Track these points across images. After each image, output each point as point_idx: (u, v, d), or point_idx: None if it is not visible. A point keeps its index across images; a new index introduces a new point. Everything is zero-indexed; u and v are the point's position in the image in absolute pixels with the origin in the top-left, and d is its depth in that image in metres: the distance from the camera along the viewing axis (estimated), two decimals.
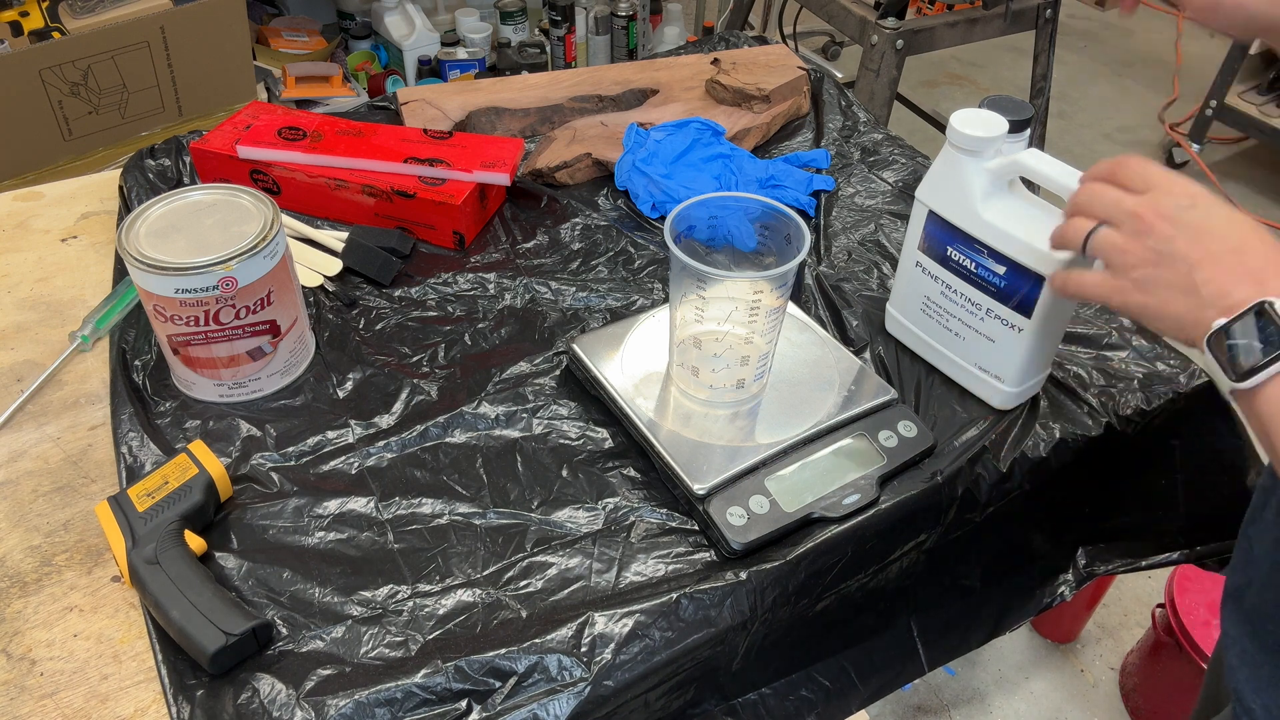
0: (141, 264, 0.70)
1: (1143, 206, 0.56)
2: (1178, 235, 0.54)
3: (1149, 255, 0.55)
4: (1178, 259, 0.53)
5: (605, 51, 2.55)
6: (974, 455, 0.75)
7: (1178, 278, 0.53)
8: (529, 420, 0.77)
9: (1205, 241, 0.53)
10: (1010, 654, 1.58)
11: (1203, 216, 0.54)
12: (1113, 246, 0.57)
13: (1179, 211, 0.54)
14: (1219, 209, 0.54)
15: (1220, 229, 0.53)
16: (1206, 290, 0.52)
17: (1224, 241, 0.53)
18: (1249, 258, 0.52)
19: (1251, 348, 0.49)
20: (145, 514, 0.65)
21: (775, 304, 0.69)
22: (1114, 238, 0.57)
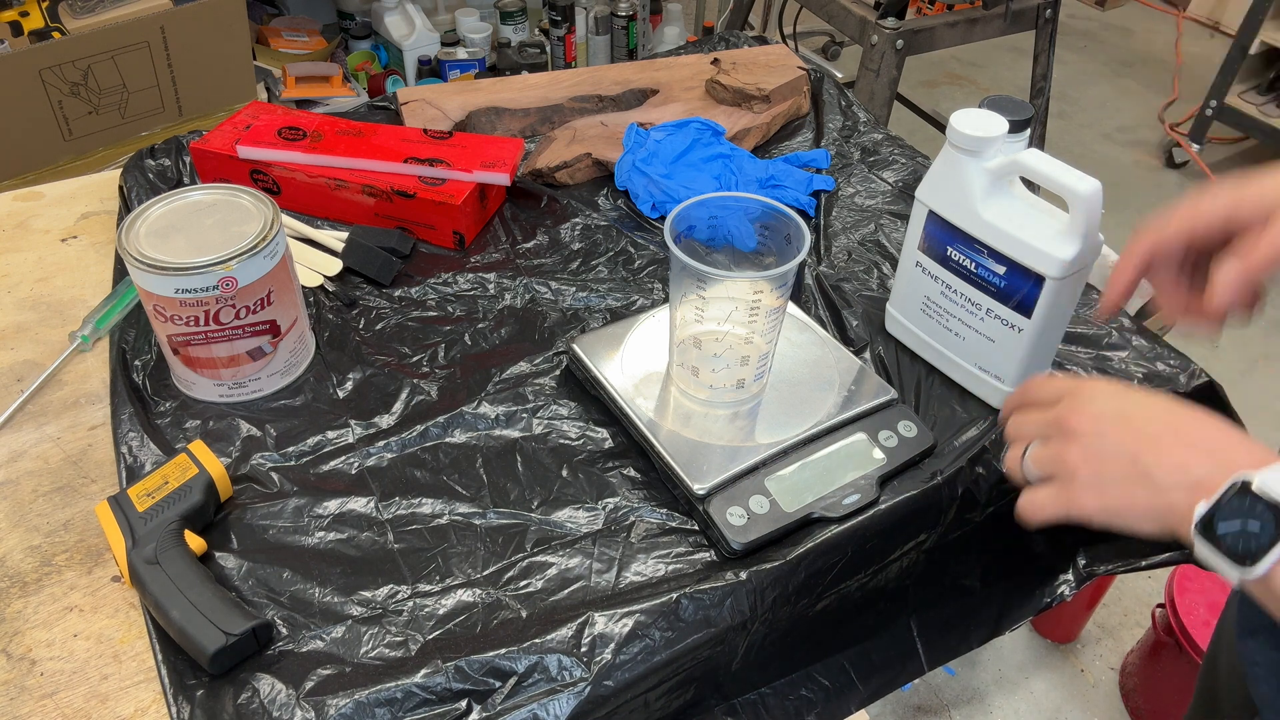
0: (141, 264, 0.70)
1: (1061, 412, 0.55)
2: (1106, 428, 0.53)
3: (1086, 455, 0.53)
4: (1116, 451, 0.52)
5: (605, 51, 2.55)
6: (974, 455, 0.75)
7: (1124, 469, 0.51)
8: (529, 420, 0.77)
9: (1136, 426, 0.52)
10: (1010, 654, 1.58)
11: (1122, 405, 0.53)
12: (1048, 459, 0.55)
13: (1096, 406, 0.54)
14: (1135, 395, 0.54)
15: (1145, 412, 0.52)
16: (1160, 474, 0.50)
17: (1154, 423, 0.52)
18: (1188, 434, 0.51)
19: (1248, 531, 0.46)
20: (145, 514, 0.65)
21: (775, 304, 0.69)
22: (1046, 450, 0.55)
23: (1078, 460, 0.53)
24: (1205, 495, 0.48)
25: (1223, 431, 0.50)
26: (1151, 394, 0.54)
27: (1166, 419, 0.52)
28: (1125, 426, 0.52)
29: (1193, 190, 2.27)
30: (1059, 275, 0.69)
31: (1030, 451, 0.57)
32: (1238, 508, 0.47)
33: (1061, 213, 0.71)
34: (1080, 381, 0.57)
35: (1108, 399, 0.54)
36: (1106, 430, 0.52)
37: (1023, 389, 0.60)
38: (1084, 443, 0.53)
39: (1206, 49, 3.28)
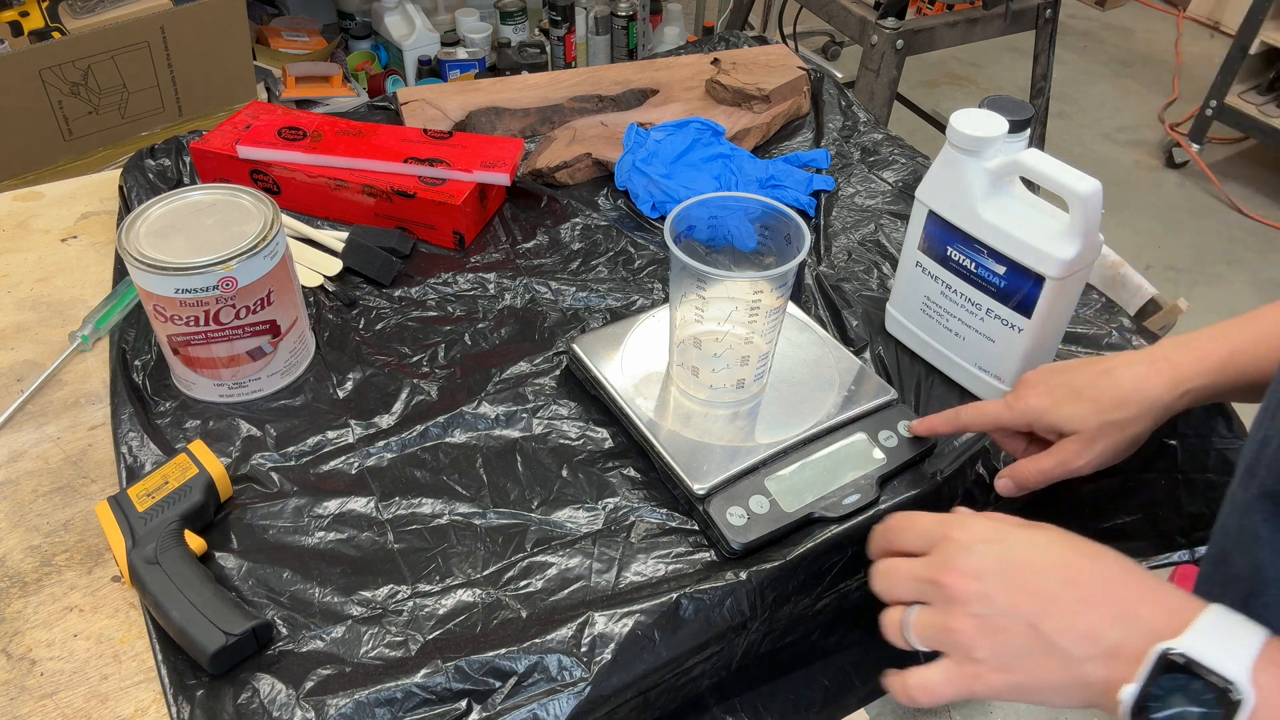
0: (141, 264, 0.70)
1: (935, 570, 0.48)
2: (991, 590, 0.46)
3: (978, 626, 0.46)
4: (1010, 618, 0.45)
5: (605, 51, 2.55)
6: (974, 455, 0.75)
7: (1024, 640, 0.44)
8: (529, 420, 0.77)
9: (1025, 584, 0.45)
10: None
11: (1003, 556, 0.46)
12: (934, 630, 0.48)
13: (973, 561, 0.47)
14: (1016, 536, 0.48)
15: (1032, 564, 0.46)
16: (1066, 643, 0.43)
17: (1046, 578, 0.45)
18: (1086, 588, 0.45)
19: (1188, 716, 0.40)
20: (145, 514, 0.65)
21: (775, 304, 0.69)
22: (930, 619, 0.48)
23: (970, 634, 0.46)
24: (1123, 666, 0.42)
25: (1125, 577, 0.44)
26: (1034, 531, 0.48)
27: (1058, 571, 0.45)
28: (1013, 585, 0.45)
29: (1192, 193, 2.22)
30: (1059, 275, 0.69)
31: (912, 620, 0.49)
32: (1169, 689, 0.40)
33: (1061, 213, 0.71)
34: (949, 523, 0.50)
35: (986, 549, 0.47)
36: (993, 593, 0.46)
37: (885, 528, 0.53)
38: (971, 610, 0.46)
39: (1206, 49, 3.28)
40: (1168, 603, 0.43)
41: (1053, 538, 0.47)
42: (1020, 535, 0.47)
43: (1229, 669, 0.39)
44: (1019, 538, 0.47)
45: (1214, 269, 2.40)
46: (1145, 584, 0.44)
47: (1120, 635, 0.42)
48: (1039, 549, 0.47)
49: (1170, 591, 0.44)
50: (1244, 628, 0.41)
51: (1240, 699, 0.38)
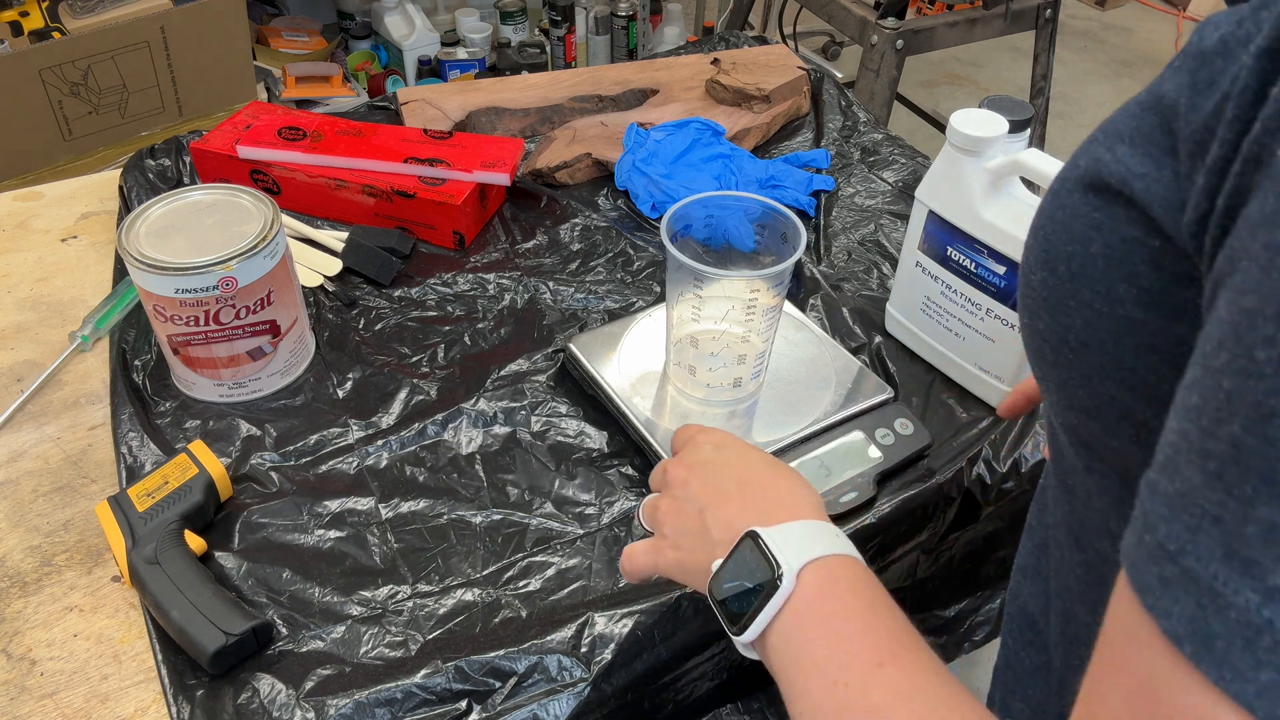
0: (141, 264, 0.70)
1: (671, 463, 0.53)
2: (691, 480, 0.50)
3: (670, 506, 0.51)
4: (691, 502, 0.49)
5: (605, 51, 2.55)
6: (974, 455, 0.75)
7: (692, 523, 0.49)
8: (528, 418, 0.77)
9: (716, 481, 0.50)
10: None
11: (716, 456, 0.51)
12: (650, 507, 0.53)
13: (695, 454, 0.52)
14: (735, 448, 0.52)
15: (732, 465, 0.50)
16: (715, 530, 0.48)
17: (728, 477, 0.49)
18: (754, 488, 0.48)
19: (744, 588, 0.43)
20: (145, 514, 0.65)
21: (772, 303, 0.69)
22: (651, 499, 0.54)
23: (664, 512, 0.51)
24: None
25: (790, 494, 0.48)
26: (753, 450, 0.51)
27: (741, 475, 0.49)
28: (705, 479, 0.50)
29: None
30: None
31: (645, 501, 0.54)
32: (741, 564, 0.44)
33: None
34: (706, 432, 0.54)
35: (707, 450, 0.52)
36: (690, 482, 0.50)
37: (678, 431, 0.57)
38: (672, 493, 0.51)
39: None
40: (797, 510, 0.47)
41: (761, 456, 0.51)
42: (737, 446, 0.52)
43: (781, 554, 0.43)
44: (735, 447, 0.52)
45: None
46: (800, 500, 0.48)
47: (746, 522, 0.46)
48: (741, 459, 0.51)
49: (810, 508, 0.47)
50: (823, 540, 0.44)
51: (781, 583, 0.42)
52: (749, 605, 0.43)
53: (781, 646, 0.42)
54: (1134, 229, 0.32)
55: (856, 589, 0.42)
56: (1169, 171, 0.30)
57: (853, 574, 0.43)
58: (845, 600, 0.42)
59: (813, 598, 0.42)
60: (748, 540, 0.45)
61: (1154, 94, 0.32)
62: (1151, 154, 0.31)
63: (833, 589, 0.42)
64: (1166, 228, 0.30)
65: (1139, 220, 0.32)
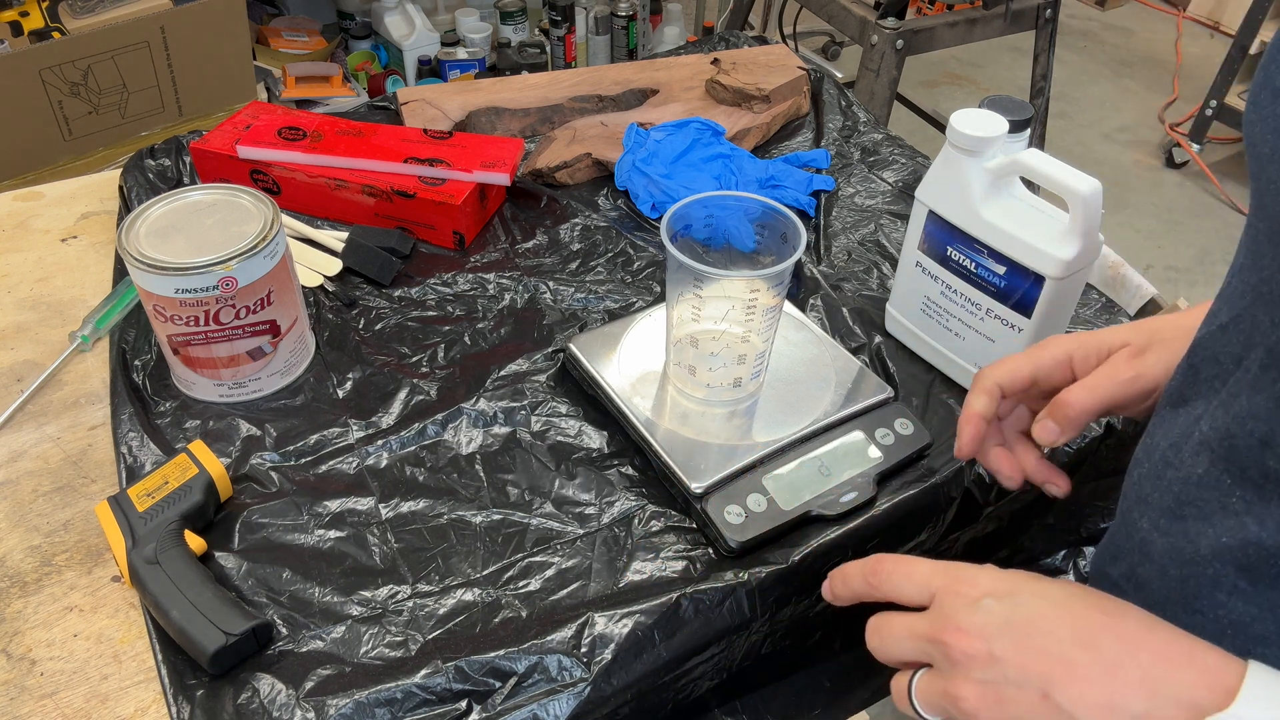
0: (141, 264, 0.70)
1: (937, 628, 0.43)
2: (1000, 650, 0.40)
3: (983, 693, 0.40)
4: (1019, 685, 0.39)
5: (605, 51, 2.55)
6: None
7: (1036, 711, 0.39)
8: (528, 418, 0.77)
9: (1037, 643, 0.40)
10: None
11: (1013, 610, 0.41)
12: (939, 696, 0.43)
13: (980, 617, 0.42)
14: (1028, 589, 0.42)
15: (1047, 620, 0.40)
16: (1085, 715, 0.38)
17: (1059, 637, 0.40)
18: (1105, 649, 0.39)
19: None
20: (145, 514, 0.65)
21: (772, 303, 0.69)
22: (933, 684, 0.43)
23: (976, 702, 0.41)
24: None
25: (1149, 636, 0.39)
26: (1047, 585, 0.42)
27: (1073, 630, 0.40)
28: (1024, 647, 0.40)
29: (1193, 189, 2.25)
30: (1059, 275, 0.70)
31: (916, 686, 0.44)
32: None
33: (1061, 213, 0.71)
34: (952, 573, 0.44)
35: (994, 604, 0.42)
36: (1001, 655, 0.40)
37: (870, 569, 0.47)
38: (976, 675, 0.41)
39: (1206, 49, 3.28)
40: (1202, 664, 0.37)
41: (1070, 592, 0.42)
42: (1032, 588, 0.42)
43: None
44: (1030, 590, 0.42)
45: (1214, 269, 2.40)
46: (1174, 643, 0.39)
47: (1147, 706, 0.37)
48: (1053, 605, 0.41)
49: (1204, 650, 0.38)
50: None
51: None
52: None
53: None
54: None
55: None
56: None
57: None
58: None
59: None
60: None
61: None
62: None
63: None
64: None
65: None
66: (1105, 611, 0.40)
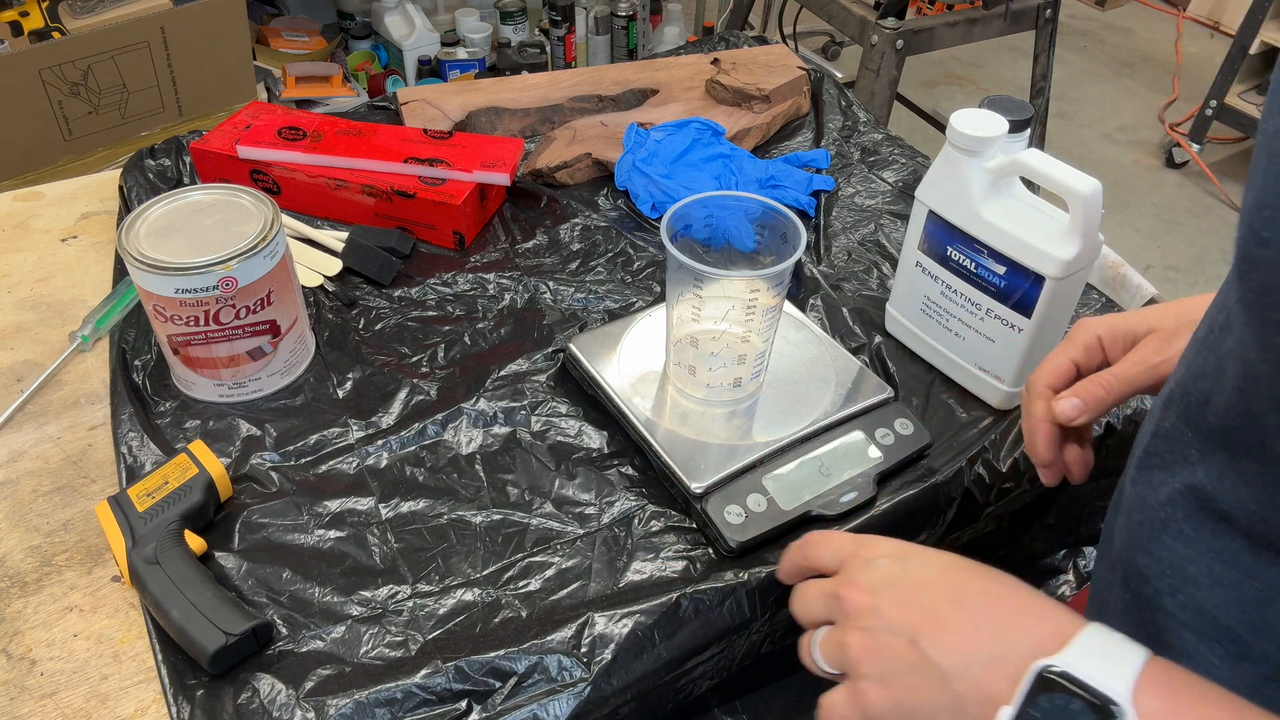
0: (141, 264, 0.70)
1: (839, 585, 0.47)
2: (882, 604, 0.44)
3: (864, 640, 0.44)
4: (893, 633, 0.43)
5: (605, 51, 2.55)
6: (974, 455, 0.75)
7: (905, 657, 0.42)
8: (528, 418, 0.77)
9: (913, 598, 0.44)
10: None
11: (899, 570, 0.45)
12: (832, 646, 0.46)
13: (871, 575, 0.46)
14: (918, 557, 0.46)
15: (925, 579, 0.44)
16: (943, 660, 0.41)
17: (932, 593, 0.44)
18: (971, 604, 0.43)
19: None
20: (145, 514, 0.65)
21: (772, 303, 0.69)
22: (829, 636, 0.47)
23: (858, 649, 0.44)
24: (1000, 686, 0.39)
25: (1011, 597, 0.43)
26: (935, 554, 0.46)
27: (947, 589, 0.43)
28: (901, 600, 0.44)
29: (1187, 200, 2.25)
30: (1059, 275, 0.70)
31: (819, 640, 0.48)
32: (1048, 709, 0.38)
33: (1061, 213, 0.71)
34: (859, 541, 0.48)
35: (885, 564, 0.46)
36: (881, 607, 0.44)
37: (800, 544, 0.51)
38: (861, 624, 0.45)
39: (1206, 49, 3.28)
40: (1050, 621, 0.41)
41: (953, 560, 0.46)
42: (922, 555, 0.46)
43: (1110, 686, 0.37)
44: (920, 557, 0.46)
45: (1214, 269, 2.40)
46: (1031, 603, 0.42)
47: (996, 652, 0.40)
48: (935, 568, 0.45)
49: (1055, 610, 0.42)
50: (1125, 646, 0.39)
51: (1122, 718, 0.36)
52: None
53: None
54: None
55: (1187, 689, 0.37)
56: None
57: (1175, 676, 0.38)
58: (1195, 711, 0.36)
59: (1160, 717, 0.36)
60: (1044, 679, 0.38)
61: None
62: None
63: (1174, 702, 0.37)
64: None
65: None
66: (980, 577, 0.45)
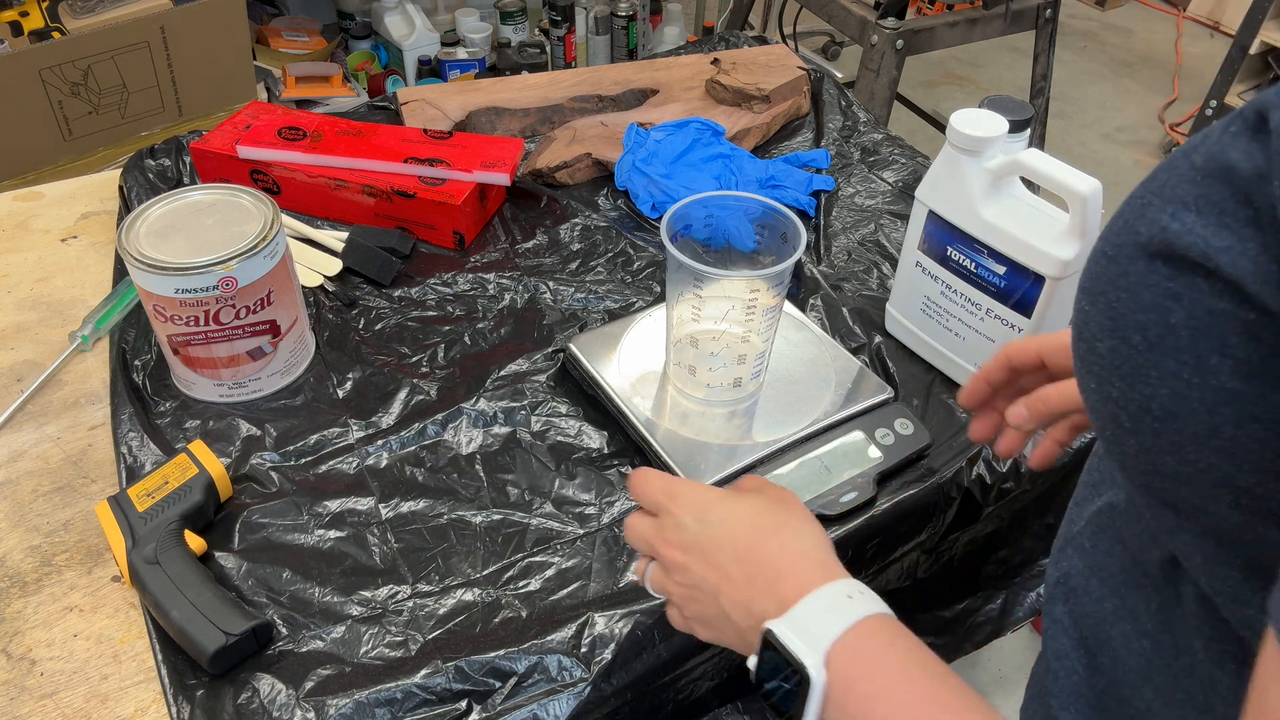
0: (141, 264, 0.70)
1: (657, 540, 0.53)
2: (690, 563, 0.51)
3: (683, 592, 0.52)
4: (701, 588, 0.50)
5: (605, 51, 2.55)
6: (974, 455, 0.75)
7: (710, 607, 0.50)
8: (528, 418, 0.77)
9: (713, 560, 0.50)
10: (1010, 654, 1.58)
11: (700, 531, 0.51)
12: (659, 588, 0.54)
13: (681, 534, 0.51)
14: (716, 513, 0.51)
15: (721, 539, 0.50)
16: (734, 614, 0.48)
17: (726, 554, 0.49)
18: (753, 564, 0.48)
19: (783, 691, 0.44)
20: (145, 514, 0.65)
21: (772, 303, 0.69)
22: (656, 577, 0.54)
23: (679, 597, 0.52)
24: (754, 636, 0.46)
25: (783, 554, 0.48)
26: (731, 505, 0.51)
27: (735, 548, 0.49)
28: (704, 561, 0.50)
29: None
30: (1058, 275, 0.70)
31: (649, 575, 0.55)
32: (771, 663, 0.45)
33: (1061, 213, 0.71)
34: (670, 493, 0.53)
35: (690, 524, 0.51)
36: (691, 566, 0.51)
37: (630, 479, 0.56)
38: (677, 578, 0.52)
39: (1206, 49, 3.28)
40: (800, 578, 0.47)
41: (742, 511, 0.51)
42: (718, 511, 0.51)
43: (801, 651, 0.43)
44: (716, 514, 0.51)
45: None
46: (799, 560, 0.48)
47: (765, 606, 0.47)
48: (727, 525, 0.50)
49: (810, 567, 0.47)
50: (840, 608, 0.44)
51: (811, 679, 0.42)
52: (793, 703, 0.43)
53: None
54: (1221, 301, 0.31)
55: (884, 658, 0.43)
56: (1256, 244, 0.30)
57: (877, 642, 0.43)
58: (877, 678, 0.42)
59: (847, 685, 0.42)
60: (768, 638, 0.45)
61: (1217, 162, 0.31)
62: (1229, 225, 0.30)
63: (861, 668, 0.43)
64: (1267, 302, 0.30)
65: (1226, 293, 0.31)
66: (764, 530, 0.50)
